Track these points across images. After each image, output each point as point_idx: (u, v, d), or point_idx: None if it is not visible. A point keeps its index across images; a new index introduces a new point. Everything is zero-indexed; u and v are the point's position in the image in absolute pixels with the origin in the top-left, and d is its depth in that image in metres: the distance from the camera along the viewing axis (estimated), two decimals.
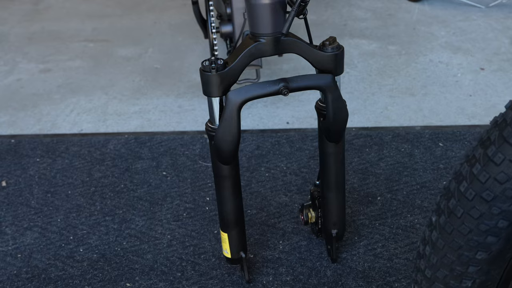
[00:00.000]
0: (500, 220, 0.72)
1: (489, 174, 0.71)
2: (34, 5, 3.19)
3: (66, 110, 2.14)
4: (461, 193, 0.74)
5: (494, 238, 0.73)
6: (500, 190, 0.70)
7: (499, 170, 0.70)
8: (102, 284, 1.37)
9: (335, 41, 1.14)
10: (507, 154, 0.69)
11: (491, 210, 0.71)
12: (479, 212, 0.72)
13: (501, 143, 0.70)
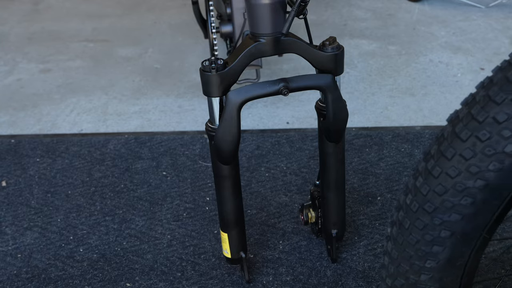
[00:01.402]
0: (442, 230, 0.74)
1: (429, 186, 0.73)
2: (34, 5, 3.20)
3: (66, 110, 2.14)
4: (407, 205, 0.77)
5: (439, 248, 0.75)
6: (439, 202, 0.73)
7: (437, 183, 0.72)
8: (102, 284, 1.38)
9: (335, 41, 1.14)
10: (444, 167, 0.72)
11: (433, 221, 0.74)
12: (423, 223, 0.75)
13: (439, 157, 0.73)
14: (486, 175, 0.69)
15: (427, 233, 0.76)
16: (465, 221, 0.73)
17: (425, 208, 0.75)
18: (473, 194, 0.71)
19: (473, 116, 0.70)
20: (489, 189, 0.70)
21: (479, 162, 0.69)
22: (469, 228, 0.74)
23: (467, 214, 0.73)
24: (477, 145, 0.69)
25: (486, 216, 0.73)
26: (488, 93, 0.70)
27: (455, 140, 0.71)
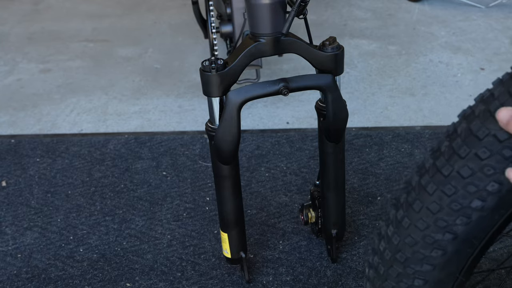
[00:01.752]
0: (415, 279, 0.75)
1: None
2: (34, 5, 3.20)
3: (66, 110, 2.14)
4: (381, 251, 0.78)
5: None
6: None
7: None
8: (102, 284, 1.37)
9: (335, 41, 1.14)
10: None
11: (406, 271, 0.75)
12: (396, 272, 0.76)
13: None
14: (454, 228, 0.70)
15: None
16: (438, 271, 0.73)
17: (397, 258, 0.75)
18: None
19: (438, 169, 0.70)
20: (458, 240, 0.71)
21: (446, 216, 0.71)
22: (442, 275, 0.74)
23: (439, 264, 0.72)
24: (443, 199, 0.70)
25: (459, 262, 0.72)
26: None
27: (422, 192, 0.72)
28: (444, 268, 0.74)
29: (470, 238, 0.71)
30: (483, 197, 0.67)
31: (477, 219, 0.69)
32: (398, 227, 0.75)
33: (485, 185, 0.67)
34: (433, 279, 0.74)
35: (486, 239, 0.72)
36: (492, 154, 0.66)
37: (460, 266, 0.74)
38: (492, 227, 0.71)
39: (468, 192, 0.68)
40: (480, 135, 0.67)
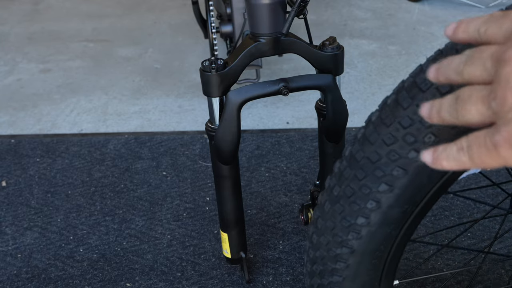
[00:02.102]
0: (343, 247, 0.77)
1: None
2: (34, 5, 3.20)
3: (66, 110, 2.14)
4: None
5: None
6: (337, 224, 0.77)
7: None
8: (102, 284, 1.38)
9: (335, 41, 1.14)
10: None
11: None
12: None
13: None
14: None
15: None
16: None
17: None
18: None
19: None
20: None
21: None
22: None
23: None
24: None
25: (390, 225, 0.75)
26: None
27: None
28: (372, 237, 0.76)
29: (397, 205, 0.73)
30: (404, 166, 0.69)
31: (401, 187, 0.71)
32: (329, 194, 0.78)
33: (406, 153, 0.68)
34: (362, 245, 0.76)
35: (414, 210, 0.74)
36: (413, 123, 0.68)
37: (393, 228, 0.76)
38: (413, 198, 0.73)
39: (390, 160, 0.70)
40: (404, 105, 0.69)
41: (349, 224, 0.75)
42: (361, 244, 0.76)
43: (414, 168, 0.69)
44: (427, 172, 0.70)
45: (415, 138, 0.67)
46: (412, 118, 0.67)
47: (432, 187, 0.72)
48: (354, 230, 0.75)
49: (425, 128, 0.66)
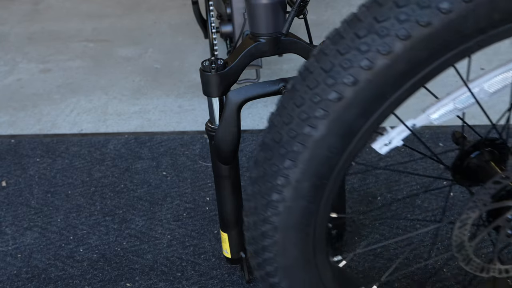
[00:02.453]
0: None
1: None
2: (34, 5, 3.20)
3: (66, 110, 2.14)
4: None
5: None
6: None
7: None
8: (102, 284, 1.38)
9: None
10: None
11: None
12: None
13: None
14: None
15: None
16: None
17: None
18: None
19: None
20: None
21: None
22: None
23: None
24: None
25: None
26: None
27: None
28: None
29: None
30: (303, 141, 0.76)
31: (303, 161, 0.77)
32: (250, 178, 0.84)
33: (302, 129, 0.76)
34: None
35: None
36: (305, 102, 0.76)
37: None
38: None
39: (290, 137, 0.77)
40: (297, 87, 0.77)
41: (266, 202, 0.81)
42: (282, 220, 0.81)
43: (311, 142, 0.75)
44: (326, 145, 0.76)
45: (307, 114, 0.75)
46: (303, 97, 0.75)
47: (337, 159, 0.78)
48: (272, 206, 0.81)
49: (314, 104, 0.74)
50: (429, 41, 0.71)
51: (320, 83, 0.74)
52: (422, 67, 0.74)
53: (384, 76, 0.72)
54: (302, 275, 0.89)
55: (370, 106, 0.75)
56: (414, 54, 0.71)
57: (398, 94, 0.78)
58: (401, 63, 0.72)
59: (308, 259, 0.87)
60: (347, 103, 0.73)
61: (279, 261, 0.86)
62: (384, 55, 0.71)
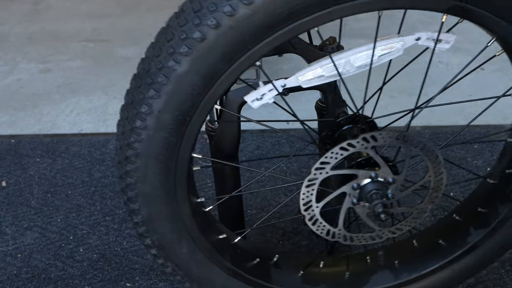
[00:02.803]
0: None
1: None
2: (34, 5, 3.19)
3: (66, 110, 2.14)
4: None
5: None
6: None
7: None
8: (102, 284, 1.37)
9: (335, 41, 1.14)
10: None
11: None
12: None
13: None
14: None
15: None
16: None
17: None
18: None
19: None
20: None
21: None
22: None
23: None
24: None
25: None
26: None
27: None
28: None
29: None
30: (166, 74, 0.82)
31: (167, 93, 0.83)
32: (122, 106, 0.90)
33: (167, 62, 0.81)
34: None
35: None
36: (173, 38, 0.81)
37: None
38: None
39: (157, 68, 0.83)
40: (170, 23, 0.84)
41: (131, 128, 0.87)
42: (143, 147, 0.87)
43: (175, 76, 0.81)
44: (188, 81, 0.82)
45: (173, 49, 0.80)
46: (173, 33, 0.81)
47: (199, 99, 0.84)
48: (135, 132, 0.86)
49: (180, 40, 0.80)
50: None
51: (188, 21, 0.80)
52: (281, 24, 0.79)
53: (245, 24, 0.78)
54: (160, 205, 0.94)
55: (231, 52, 0.80)
56: (273, 8, 0.77)
57: (259, 47, 0.82)
58: (261, 15, 0.77)
59: (167, 191, 0.92)
60: (209, 44, 0.79)
61: (139, 188, 0.91)
62: (246, 5, 0.76)
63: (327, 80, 0.94)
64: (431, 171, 0.98)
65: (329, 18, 0.81)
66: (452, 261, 1.15)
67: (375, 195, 0.94)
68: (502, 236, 1.12)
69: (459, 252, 1.14)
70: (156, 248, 0.99)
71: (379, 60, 0.98)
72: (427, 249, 1.18)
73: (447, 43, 0.96)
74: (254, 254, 1.14)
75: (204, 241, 1.02)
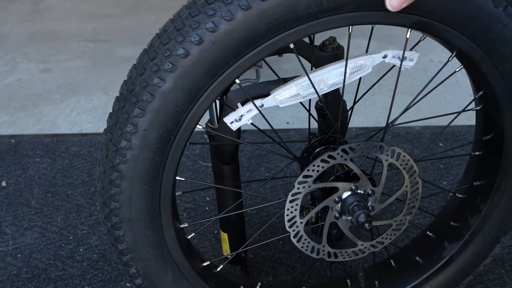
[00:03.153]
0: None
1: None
2: (34, 5, 3.20)
3: (66, 110, 2.14)
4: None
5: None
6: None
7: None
8: (102, 284, 1.38)
9: (335, 41, 1.14)
10: None
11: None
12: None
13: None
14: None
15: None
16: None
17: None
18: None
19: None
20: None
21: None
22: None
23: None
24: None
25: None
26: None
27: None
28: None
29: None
30: (151, 91, 0.84)
31: (152, 111, 0.85)
32: (105, 130, 0.91)
33: (152, 80, 0.85)
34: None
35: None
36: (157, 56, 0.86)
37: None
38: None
39: (142, 87, 0.86)
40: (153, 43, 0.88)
41: (116, 149, 0.87)
42: (128, 168, 0.88)
43: (160, 93, 0.84)
44: (173, 97, 0.84)
45: (158, 67, 0.84)
46: (156, 52, 0.85)
47: (183, 116, 0.86)
48: (120, 153, 0.87)
49: (164, 58, 0.83)
50: (266, 15, 0.81)
51: (171, 39, 0.83)
52: (260, 39, 0.83)
53: (226, 40, 0.81)
54: (145, 230, 0.94)
55: (213, 67, 0.84)
56: (252, 24, 0.81)
57: (240, 62, 0.85)
58: (241, 30, 0.81)
59: (152, 215, 0.93)
60: (192, 60, 0.82)
61: (124, 212, 0.91)
62: (227, 21, 0.80)
63: (302, 99, 0.97)
64: (407, 182, 1.03)
65: (304, 33, 0.85)
66: (430, 276, 1.18)
67: (357, 207, 0.97)
68: (475, 248, 1.15)
69: (436, 267, 1.18)
70: (141, 278, 0.99)
71: (350, 78, 1.02)
72: (405, 267, 1.21)
73: (411, 60, 0.99)
74: (237, 282, 1.15)
75: (188, 268, 1.02)
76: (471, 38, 0.91)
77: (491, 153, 1.09)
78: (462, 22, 0.89)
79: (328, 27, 0.88)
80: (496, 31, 0.90)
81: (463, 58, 0.99)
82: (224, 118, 0.95)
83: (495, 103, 1.00)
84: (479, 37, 0.91)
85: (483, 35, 0.90)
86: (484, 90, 1.02)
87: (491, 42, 0.91)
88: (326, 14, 0.86)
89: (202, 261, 1.07)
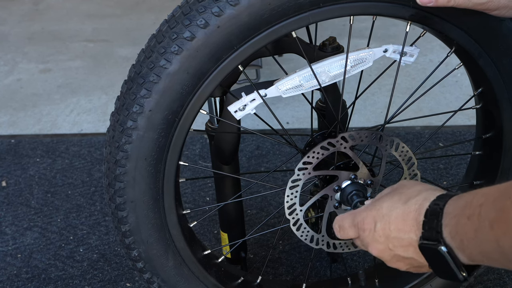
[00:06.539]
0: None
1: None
2: (34, 5, 3.19)
3: (66, 110, 2.14)
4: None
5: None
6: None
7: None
8: (102, 284, 1.38)
9: (335, 41, 1.14)
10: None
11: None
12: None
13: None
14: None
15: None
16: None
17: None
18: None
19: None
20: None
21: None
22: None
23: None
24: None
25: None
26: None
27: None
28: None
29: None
30: (158, 73, 0.87)
31: (157, 92, 0.87)
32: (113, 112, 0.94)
33: (158, 61, 0.87)
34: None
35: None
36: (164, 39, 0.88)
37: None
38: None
39: (148, 68, 0.89)
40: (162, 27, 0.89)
41: (122, 129, 0.89)
42: (134, 148, 0.89)
43: (166, 74, 0.86)
44: (178, 79, 0.86)
45: (164, 49, 0.86)
46: (164, 35, 0.87)
47: (188, 98, 0.88)
48: (126, 134, 0.89)
49: (171, 40, 0.85)
50: (269, 2, 0.83)
51: (178, 23, 0.86)
52: (263, 26, 0.86)
53: (231, 24, 0.84)
54: (148, 212, 0.95)
55: (218, 51, 0.86)
56: (256, 10, 0.83)
57: (244, 47, 0.88)
58: (245, 16, 0.83)
59: (155, 198, 0.95)
60: (198, 43, 0.84)
61: (128, 193, 0.92)
62: (232, 6, 0.83)
63: (305, 90, 0.98)
64: (406, 174, 1.04)
65: (306, 21, 0.88)
66: (430, 276, 1.17)
67: (356, 196, 0.98)
68: None
69: None
70: (142, 261, 0.99)
71: (351, 70, 1.03)
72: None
73: (411, 56, 1.00)
74: (237, 274, 1.15)
75: (190, 255, 1.03)
76: (468, 32, 0.92)
77: (491, 152, 1.09)
78: (459, 15, 0.90)
79: (329, 16, 0.91)
80: (493, 26, 0.90)
81: (462, 54, 1.00)
82: (228, 106, 0.98)
83: (494, 100, 1.00)
84: (476, 31, 0.92)
85: (481, 29, 0.91)
86: (483, 87, 1.02)
87: (489, 37, 0.92)
88: (328, 3, 0.88)
89: (204, 249, 1.07)
